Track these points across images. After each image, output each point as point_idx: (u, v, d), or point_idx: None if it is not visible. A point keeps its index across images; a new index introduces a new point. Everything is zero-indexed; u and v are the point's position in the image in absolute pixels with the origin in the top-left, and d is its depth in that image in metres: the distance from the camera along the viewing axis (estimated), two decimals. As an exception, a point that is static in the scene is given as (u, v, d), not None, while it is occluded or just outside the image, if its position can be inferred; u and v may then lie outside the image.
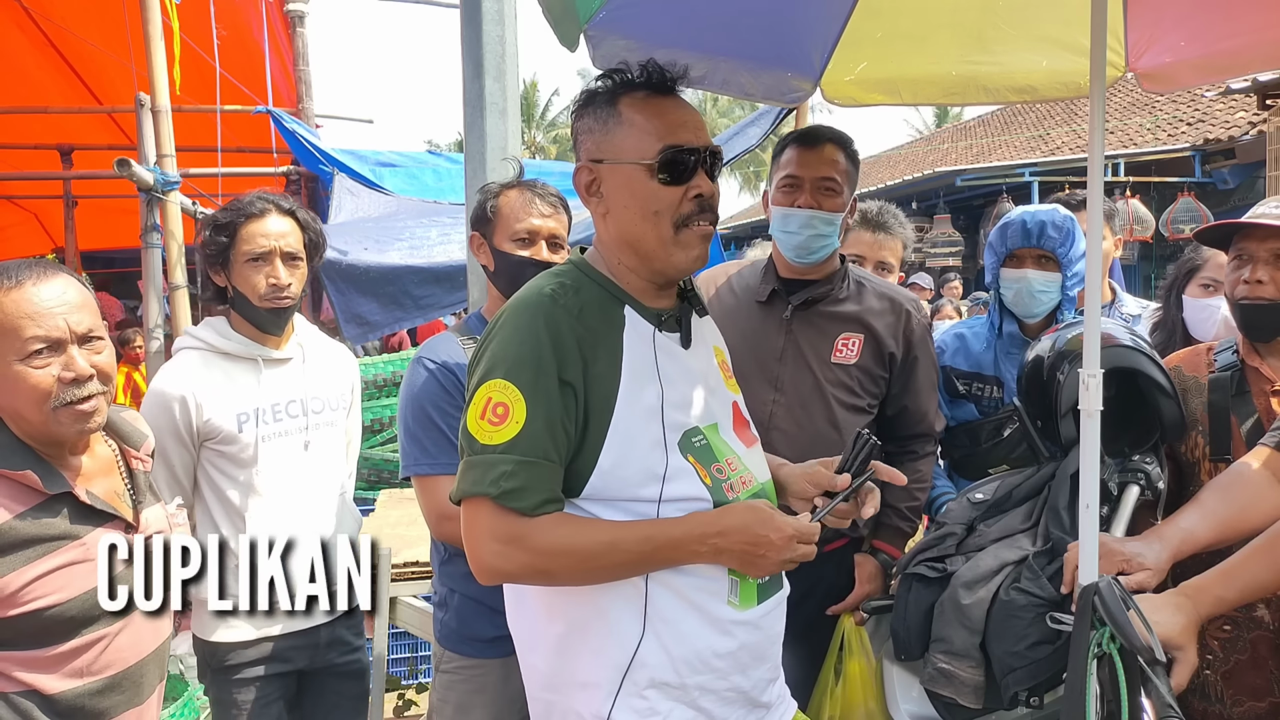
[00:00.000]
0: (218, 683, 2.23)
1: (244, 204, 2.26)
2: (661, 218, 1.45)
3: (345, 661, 2.41)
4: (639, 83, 1.48)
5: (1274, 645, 1.89)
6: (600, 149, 1.48)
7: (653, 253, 1.47)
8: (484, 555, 1.40)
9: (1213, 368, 2.07)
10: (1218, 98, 11.54)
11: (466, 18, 2.63)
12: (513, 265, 2.11)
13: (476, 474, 1.39)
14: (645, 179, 1.44)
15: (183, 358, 2.27)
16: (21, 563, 1.50)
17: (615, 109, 1.47)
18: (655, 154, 1.44)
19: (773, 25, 2.24)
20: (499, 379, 1.38)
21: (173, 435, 2.18)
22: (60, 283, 1.58)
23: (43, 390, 1.54)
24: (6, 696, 1.52)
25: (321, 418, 2.37)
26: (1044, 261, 2.51)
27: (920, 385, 2.33)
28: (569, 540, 1.38)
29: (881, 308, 2.30)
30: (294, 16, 6.02)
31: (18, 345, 1.53)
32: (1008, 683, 1.74)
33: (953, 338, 2.72)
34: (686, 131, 1.46)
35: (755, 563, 1.43)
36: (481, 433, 1.39)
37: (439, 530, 2.07)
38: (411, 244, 4.32)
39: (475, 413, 1.40)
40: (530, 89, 39.40)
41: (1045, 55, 2.33)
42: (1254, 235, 1.96)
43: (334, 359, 2.49)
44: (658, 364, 1.46)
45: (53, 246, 9.56)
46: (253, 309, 2.25)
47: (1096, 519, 1.52)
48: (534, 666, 1.53)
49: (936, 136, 22.66)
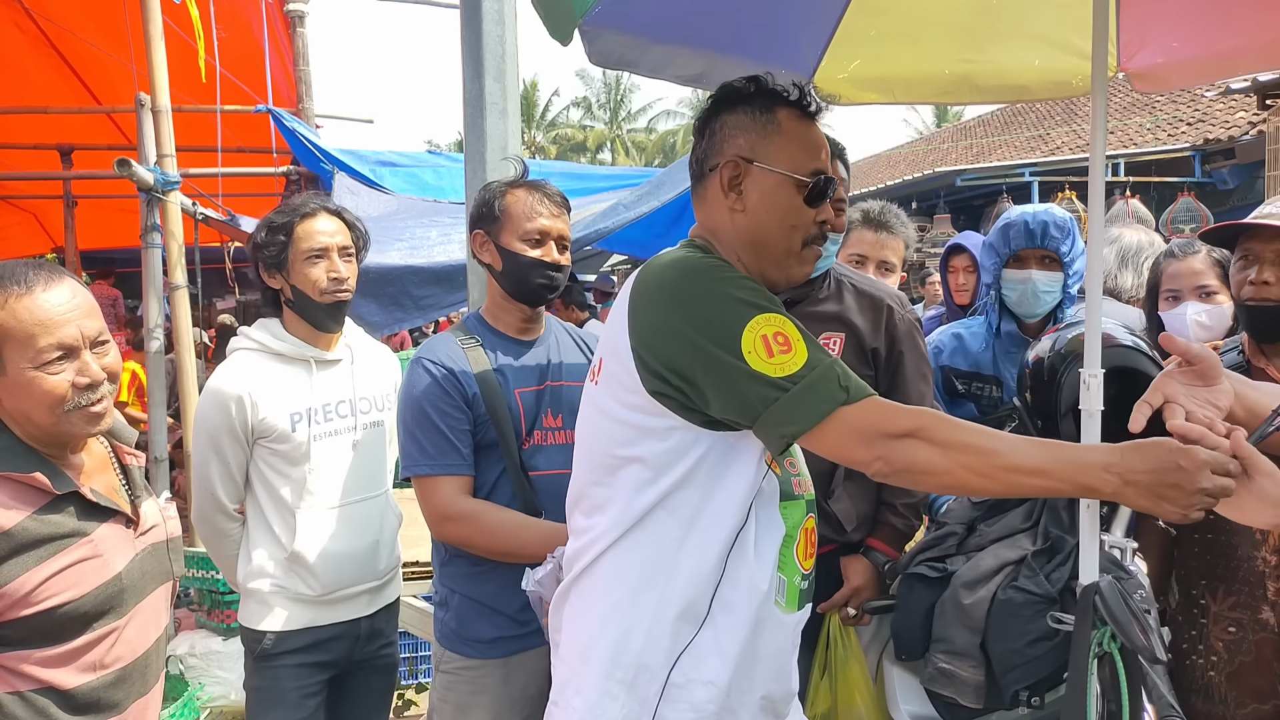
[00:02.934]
0: (259, 670, 2.29)
1: (297, 205, 2.35)
2: (796, 232, 1.51)
3: (380, 655, 2.48)
4: (794, 100, 1.54)
5: (1279, 648, 1.89)
6: (754, 149, 1.51)
7: (777, 260, 1.53)
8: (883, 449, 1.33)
9: None
10: (1218, 98, 11.54)
11: (466, 18, 2.62)
12: (522, 266, 2.10)
13: (815, 394, 1.34)
14: (792, 193, 1.51)
15: (239, 358, 2.34)
16: (35, 563, 1.51)
17: (774, 117, 1.52)
18: (808, 172, 1.51)
19: (767, 22, 2.24)
20: (755, 317, 1.38)
21: (228, 433, 2.26)
22: (68, 287, 1.60)
23: (58, 396, 1.56)
24: (23, 695, 1.53)
25: (369, 417, 2.44)
26: (1047, 262, 2.52)
27: (909, 380, 2.30)
28: (970, 437, 1.32)
29: (862, 305, 2.29)
30: (294, 16, 6.01)
31: (32, 353, 1.54)
32: (1008, 681, 1.74)
33: (950, 337, 2.72)
34: (827, 160, 1.55)
35: (1167, 495, 1.25)
36: (784, 364, 1.35)
37: (440, 531, 2.07)
38: (412, 244, 4.31)
39: (761, 355, 1.35)
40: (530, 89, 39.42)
41: (1038, 54, 2.34)
42: (1260, 236, 1.96)
43: (379, 360, 2.57)
44: None
45: (52, 246, 9.56)
46: (313, 306, 2.33)
47: (1097, 519, 1.52)
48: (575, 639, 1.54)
49: (936, 136, 22.65)
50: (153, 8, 4.00)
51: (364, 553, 2.37)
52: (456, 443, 2.02)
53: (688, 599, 1.44)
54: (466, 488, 2.04)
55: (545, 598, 1.75)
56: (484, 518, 2.01)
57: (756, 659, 1.47)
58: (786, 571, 1.50)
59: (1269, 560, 1.91)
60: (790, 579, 1.50)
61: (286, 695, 2.27)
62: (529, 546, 1.94)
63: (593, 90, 42.18)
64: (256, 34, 5.72)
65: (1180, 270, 2.67)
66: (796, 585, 1.52)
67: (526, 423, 2.09)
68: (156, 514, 1.79)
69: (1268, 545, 1.92)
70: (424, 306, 4.24)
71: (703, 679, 1.44)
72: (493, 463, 2.07)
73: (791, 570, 1.51)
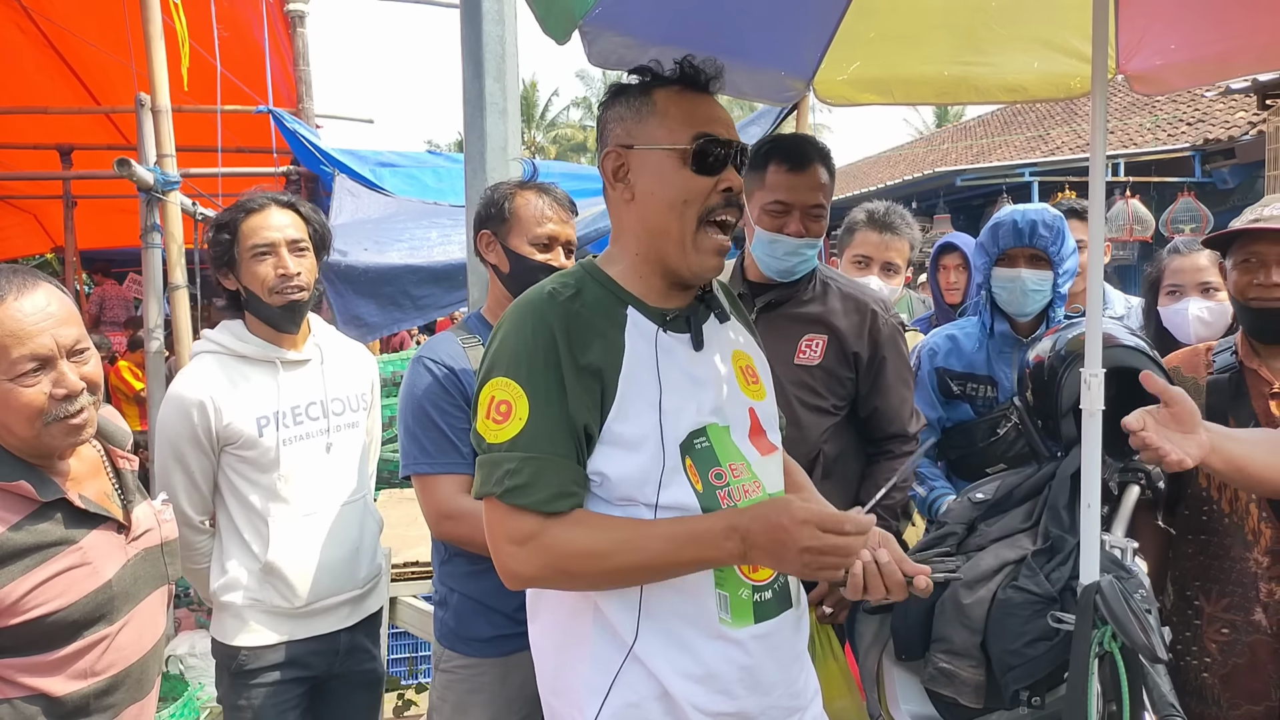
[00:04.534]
0: (235, 687, 2.20)
1: (243, 201, 2.23)
2: (689, 208, 1.43)
3: (362, 670, 2.39)
4: (674, 78, 1.48)
5: (1272, 650, 1.90)
6: (631, 134, 1.47)
7: (673, 248, 1.45)
8: (502, 558, 1.38)
9: (1211, 368, 2.07)
10: (1218, 98, 11.54)
11: (466, 18, 2.63)
12: (529, 269, 2.09)
13: (484, 474, 1.39)
14: (677, 166, 1.43)
15: (200, 362, 2.23)
16: (20, 572, 1.49)
17: (649, 98, 1.47)
18: (689, 140, 1.43)
19: (767, 24, 2.24)
20: (499, 377, 1.39)
21: (191, 441, 2.15)
22: (42, 294, 1.54)
23: (35, 409, 1.51)
24: (12, 702, 1.52)
25: (343, 419, 2.34)
26: (1036, 260, 2.53)
27: (889, 384, 2.31)
28: (586, 540, 1.35)
29: (846, 308, 2.29)
30: (294, 16, 6.01)
31: (5, 365, 1.49)
32: (1008, 681, 1.74)
33: (944, 339, 2.73)
34: (719, 126, 1.46)
35: (781, 555, 1.32)
36: (488, 432, 1.38)
37: (439, 530, 2.07)
38: (411, 244, 4.31)
39: (481, 413, 1.40)
40: (530, 89, 39.41)
41: (1036, 56, 2.35)
42: (1266, 238, 1.95)
43: (353, 358, 2.47)
44: (658, 363, 1.44)
45: (52, 246, 9.57)
46: (265, 307, 2.22)
47: (1098, 519, 1.52)
48: (541, 672, 1.53)
49: (936, 136, 22.65)
50: (152, 8, 3.99)
51: (342, 562, 2.26)
52: (456, 441, 2.02)
53: (612, 624, 1.41)
54: (466, 486, 2.04)
55: (544, 597, 1.75)
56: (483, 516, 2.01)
57: (703, 676, 1.41)
58: (727, 587, 1.43)
59: (1261, 562, 1.92)
60: (734, 593, 1.43)
61: (264, 713, 2.18)
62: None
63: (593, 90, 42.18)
64: (256, 34, 5.71)
65: (1184, 265, 2.67)
66: (745, 599, 1.44)
67: (526, 422, 2.08)
68: (151, 518, 1.76)
69: (1259, 547, 1.92)
70: (423, 306, 4.24)
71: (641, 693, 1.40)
72: (492, 462, 2.07)
73: (735, 584, 1.44)
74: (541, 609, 1.52)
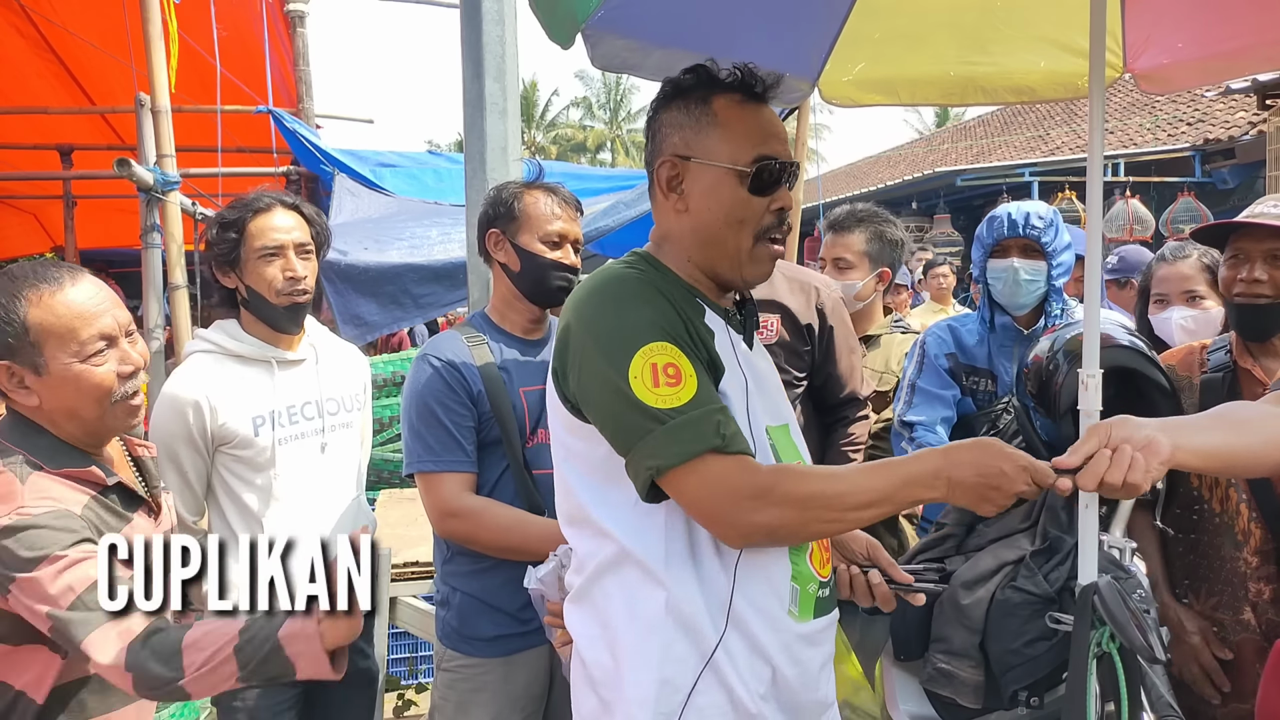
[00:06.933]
0: (228, 690, 2.18)
1: (249, 200, 2.23)
2: (745, 226, 1.43)
3: (356, 671, 2.34)
4: (734, 84, 1.45)
5: (1259, 648, 1.90)
6: (690, 145, 1.44)
7: (728, 259, 1.45)
8: (741, 514, 1.30)
9: (1205, 367, 2.08)
10: (1218, 98, 11.54)
11: (466, 18, 2.63)
12: (540, 266, 2.10)
13: (690, 432, 1.29)
14: (735, 185, 1.42)
15: (195, 361, 2.23)
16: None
17: (709, 107, 1.44)
18: (749, 162, 1.41)
19: (771, 25, 2.24)
20: (652, 342, 1.32)
21: (186, 441, 2.15)
22: (92, 281, 1.61)
23: (106, 387, 1.56)
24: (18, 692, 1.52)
25: (337, 419, 2.35)
26: (1029, 251, 2.55)
27: (840, 351, 2.53)
28: (819, 484, 1.32)
29: (791, 288, 2.48)
30: (294, 16, 6.01)
31: (75, 346, 1.54)
32: (1007, 681, 1.75)
33: (945, 329, 2.74)
34: (778, 143, 1.45)
35: (989, 496, 1.29)
36: (667, 398, 1.30)
37: (442, 528, 2.07)
38: (412, 243, 4.31)
39: (646, 384, 1.31)
40: (530, 89, 39.41)
41: (1043, 56, 2.34)
42: (1251, 235, 1.97)
43: (346, 359, 2.48)
44: (737, 355, 1.45)
45: (51, 246, 9.56)
46: (269, 307, 2.22)
47: (1096, 518, 1.52)
48: (599, 663, 1.43)
49: (937, 137, 22.66)
50: (152, 8, 4.00)
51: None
52: (460, 439, 2.02)
53: (689, 616, 1.36)
54: (469, 484, 2.04)
55: (547, 596, 1.75)
56: (486, 514, 2.01)
57: (773, 673, 1.40)
58: (800, 580, 1.43)
59: (1250, 561, 1.93)
60: (804, 587, 1.43)
61: (258, 714, 2.18)
62: (531, 543, 1.94)
63: (592, 91, 42.21)
64: (256, 34, 5.71)
65: (1169, 275, 2.68)
66: (812, 593, 1.45)
67: (530, 421, 2.09)
68: (171, 504, 1.81)
69: (1249, 547, 1.93)
70: (423, 305, 4.24)
71: (718, 693, 1.37)
72: (496, 460, 2.07)
73: (806, 578, 1.44)
74: (595, 593, 1.43)
